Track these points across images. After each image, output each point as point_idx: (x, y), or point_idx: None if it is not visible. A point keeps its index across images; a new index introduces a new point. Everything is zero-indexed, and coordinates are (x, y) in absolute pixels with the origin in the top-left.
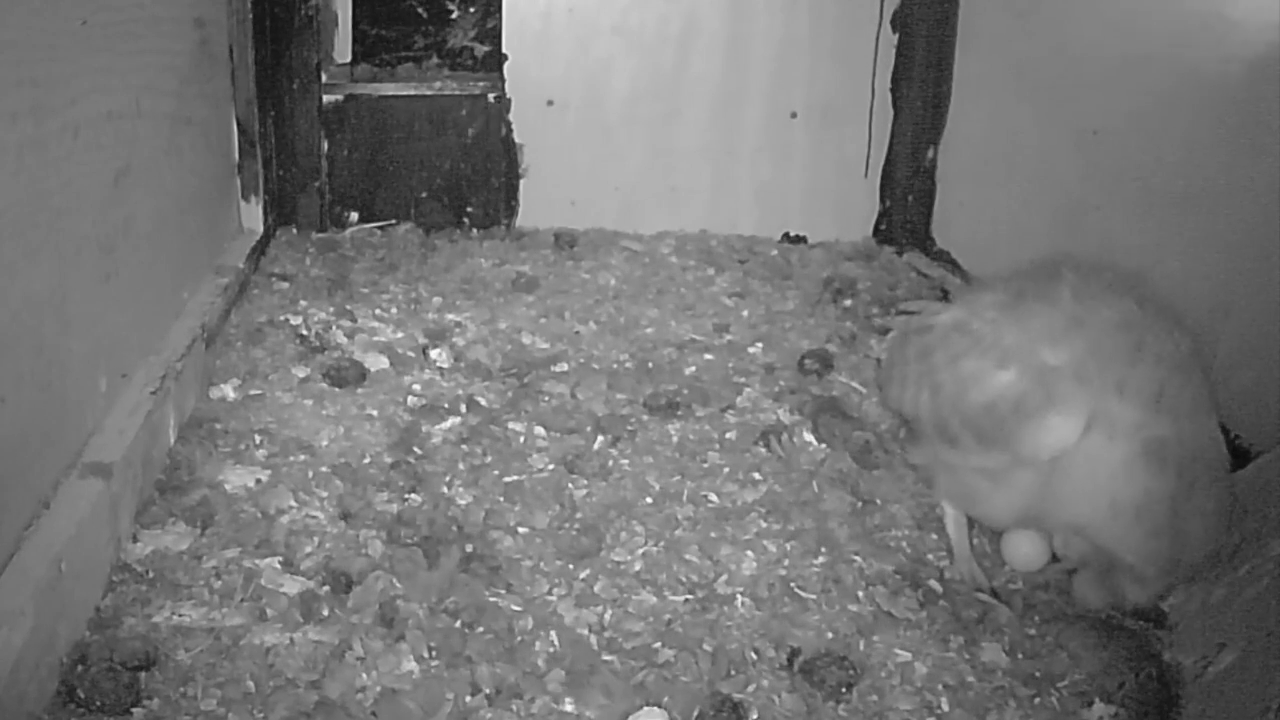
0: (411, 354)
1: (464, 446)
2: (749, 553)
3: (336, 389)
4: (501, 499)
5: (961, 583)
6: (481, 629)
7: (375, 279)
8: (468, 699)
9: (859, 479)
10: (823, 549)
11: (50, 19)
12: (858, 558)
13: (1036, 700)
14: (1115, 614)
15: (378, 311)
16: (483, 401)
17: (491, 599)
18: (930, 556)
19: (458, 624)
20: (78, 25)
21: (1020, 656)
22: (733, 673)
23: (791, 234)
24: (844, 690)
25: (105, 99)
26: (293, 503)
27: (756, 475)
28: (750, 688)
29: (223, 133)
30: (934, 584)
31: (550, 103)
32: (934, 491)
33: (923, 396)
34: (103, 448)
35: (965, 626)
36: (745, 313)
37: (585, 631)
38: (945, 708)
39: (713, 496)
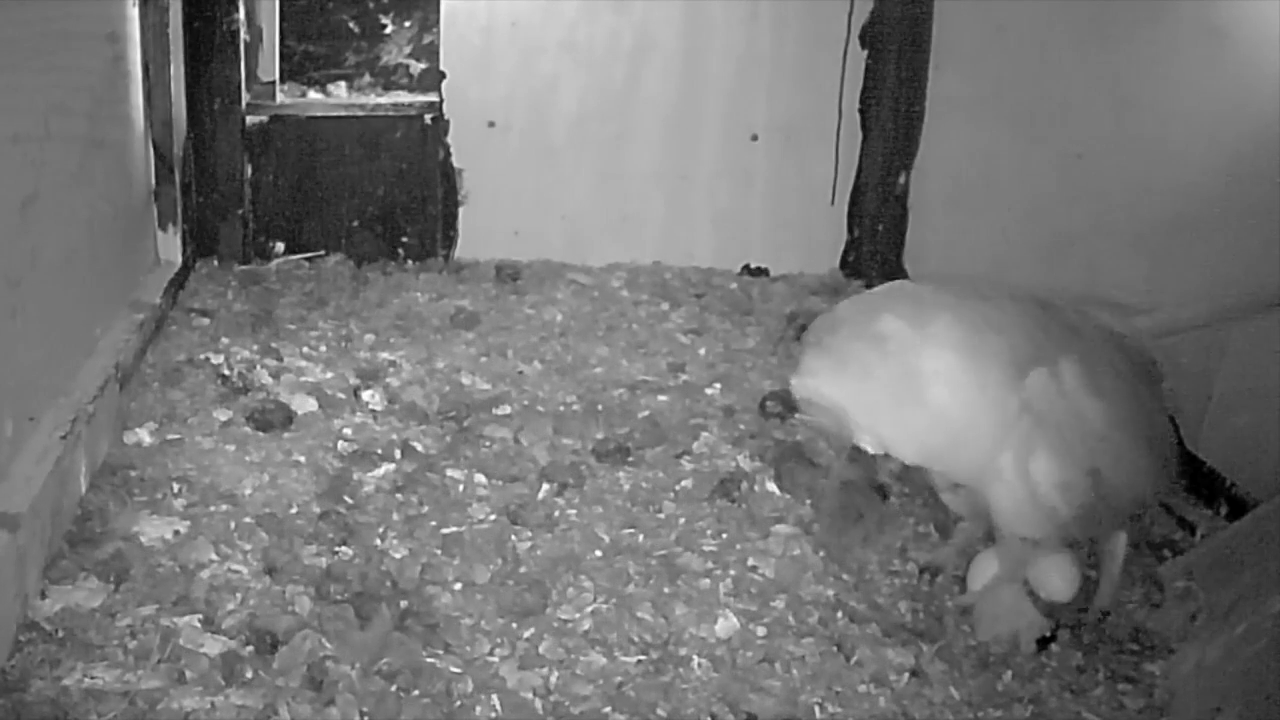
0: (342, 395)
1: (399, 495)
2: (705, 610)
3: (261, 433)
4: (439, 552)
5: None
6: (418, 692)
7: (303, 314)
8: None
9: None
10: (785, 606)
11: None
12: (822, 616)
13: None
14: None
15: (305, 350)
16: (419, 447)
17: (429, 660)
18: (903, 608)
19: (393, 687)
20: None
21: None
22: None
23: (752, 266)
24: None
25: (10, 120)
26: (214, 556)
27: (714, 527)
28: None
29: (138, 157)
30: (904, 647)
31: (492, 124)
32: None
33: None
34: (8, 497)
35: (935, 697)
36: (702, 351)
37: (529, 695)
38: None
39: (666, 550)
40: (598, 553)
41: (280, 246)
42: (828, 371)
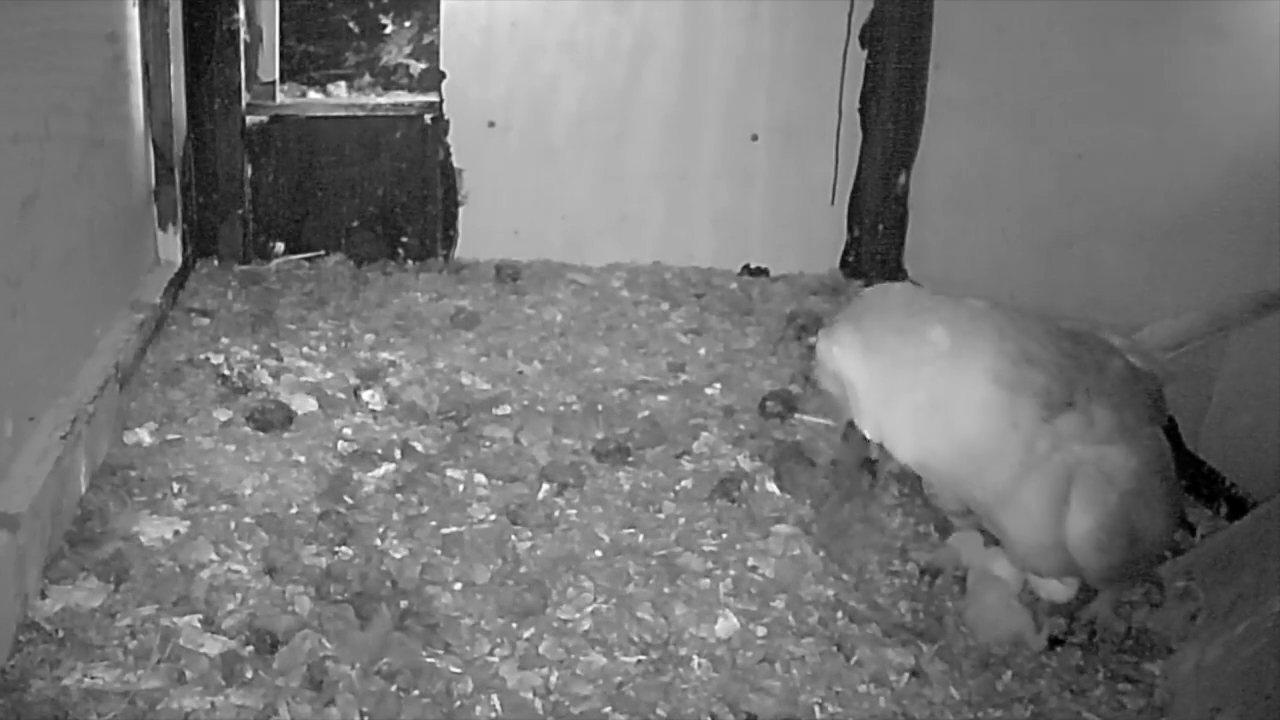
0: (342, 395)
1: (398, 495)
2: (706, 610)
3: (261, 433)
4: (439, 552)
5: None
6: (418, 692)
7: (303, 314)
8: None
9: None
10: (785, 606)
11: None
12: (822, 616)
13: None
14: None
15: (305, 350)
16: (419, 447)
17: (428, 660)
18: (903, 607)
19: (392, 687)
20: None
21: None
22: None
23: (752, 266)
24: None
25: (10, 120)
26: (214, 556)
27: (714, 527)
28: None
29: (138, 157)
30: (904, 647)
31: (492, 124)
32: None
33: None
34: (8, 497)
35: (935, 697)
36: (702, 351)
37: (529, 695)
38: None
39: (666, 550)
40: (598, 553)
41: (280, 246)
42: (856, 350)
